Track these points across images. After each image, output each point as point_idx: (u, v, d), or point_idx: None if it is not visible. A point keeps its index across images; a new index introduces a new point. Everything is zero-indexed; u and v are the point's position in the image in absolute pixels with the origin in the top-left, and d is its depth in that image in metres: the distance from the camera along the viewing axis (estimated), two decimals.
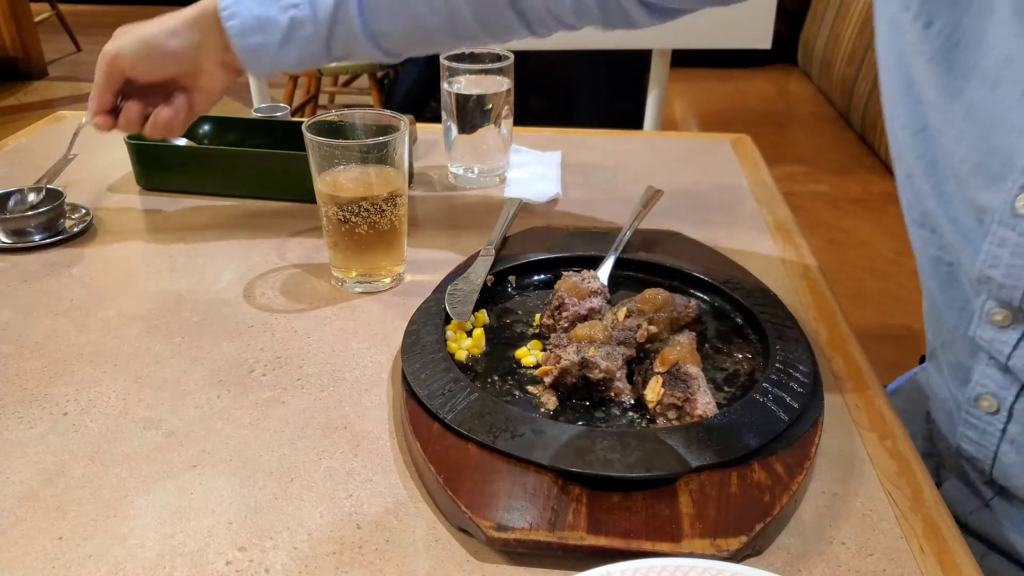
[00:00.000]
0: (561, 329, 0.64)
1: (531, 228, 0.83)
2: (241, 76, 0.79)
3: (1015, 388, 0.57)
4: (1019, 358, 0.56)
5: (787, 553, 0.48)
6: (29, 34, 4.36)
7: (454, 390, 0.56)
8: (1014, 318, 0.56)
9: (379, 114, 0.74)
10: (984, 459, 0.61)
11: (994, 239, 0.53)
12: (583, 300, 0.65)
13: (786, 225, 0.89)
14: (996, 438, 0.59)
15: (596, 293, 0.66)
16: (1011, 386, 0.58)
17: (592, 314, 0.64)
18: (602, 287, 0.67)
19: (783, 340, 0.61)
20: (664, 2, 0.75)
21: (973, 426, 0.61)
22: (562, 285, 0.66)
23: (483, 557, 0.47)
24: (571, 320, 0.64)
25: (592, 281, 0.66)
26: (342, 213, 0.71)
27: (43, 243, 0.82)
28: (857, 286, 1.44)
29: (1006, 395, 0.58)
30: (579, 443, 0.50)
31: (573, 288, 0.66)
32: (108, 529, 0.49)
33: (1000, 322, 0.57)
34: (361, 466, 0.54)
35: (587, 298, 0.65)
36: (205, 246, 0.83)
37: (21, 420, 0.58)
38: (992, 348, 0.58)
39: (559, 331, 0.63)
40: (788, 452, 0.51)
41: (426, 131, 1.12)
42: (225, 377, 0.63)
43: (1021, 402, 0.57)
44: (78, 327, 0.69)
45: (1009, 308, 0.55)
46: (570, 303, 0.64)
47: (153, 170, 0.95)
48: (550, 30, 0.79)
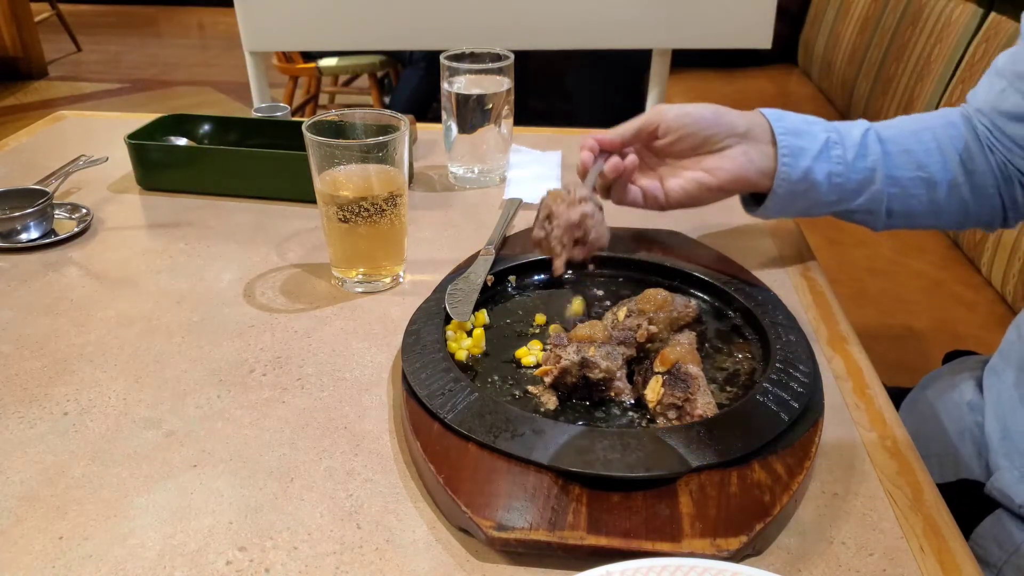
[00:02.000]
0: (555, 240, 0.65)
1: (531, 228, 0.83)
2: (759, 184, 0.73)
3: None
4: None
5: (787, 553, 0.48)
6: (29, 34, 4.36)
7: (454, 390, 0.56)
8: None
9: (379, 114, 0.74)
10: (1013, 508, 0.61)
11: None
12: (572, 208, 0.65)
13: (786, 225, 0.89)
14: None
15: (584, 200, 0.66)
16: None
17: (584, 220, 0.65)
18: (590, 195, 0.67)
19: (783, 340, 0.61)
20: None
21: None
22: (549, 196, 0.67)
23: (483, 557, 0.47)
24: (563, 228, 0.65)
25: (580, 189, 0.67)
26: (342, 213, 0.71)
27: (43, 243, 0.82)
28: (857, 286, 1.44)
29: None
30: (579, 443, 0.50)
31: (559, 197, 0.66)
32: (108, 529, 0.49)
33: None
34: (361, 466, 0.54)
35: (576, 205, 0.66)
36: (205, 246, 0.83)
37: (21, 420, 0.58)
38: None
39: (553, 242, 0.64)
40: (788, 452, 0.51)
41: (426, 131, 1.12)
42: (225, 377, 0.63)
43: None
44: (78, 327, 0.69)
45: None
46: (558, 211, 0.65)
47: (153, 170, 0.95)
48: None
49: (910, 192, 0.74)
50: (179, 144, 0.98)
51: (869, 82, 2.06)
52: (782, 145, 0.71)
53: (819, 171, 0.72)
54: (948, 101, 1.63)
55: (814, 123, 0.74)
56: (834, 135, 0.73)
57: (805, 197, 0.73)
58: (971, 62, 1.59)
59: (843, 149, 0.72)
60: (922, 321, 1.35)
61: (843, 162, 0.72)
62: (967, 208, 0.76)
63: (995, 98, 0.74)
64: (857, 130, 0.74)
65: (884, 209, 0.75)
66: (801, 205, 0.74)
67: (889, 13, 2.04)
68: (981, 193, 0.75)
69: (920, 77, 1.77)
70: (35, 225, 0.84)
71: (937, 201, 0.75)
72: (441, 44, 1.18)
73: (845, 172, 0.72)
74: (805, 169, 0.71)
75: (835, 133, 0.73)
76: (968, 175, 0.74)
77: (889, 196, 0.74)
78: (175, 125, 1.01)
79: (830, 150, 0.72)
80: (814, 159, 0.71)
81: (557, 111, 2.93)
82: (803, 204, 0.74)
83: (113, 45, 5.25)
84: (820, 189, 0.72)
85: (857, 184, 0.73)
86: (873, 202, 0.74)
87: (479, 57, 0.94)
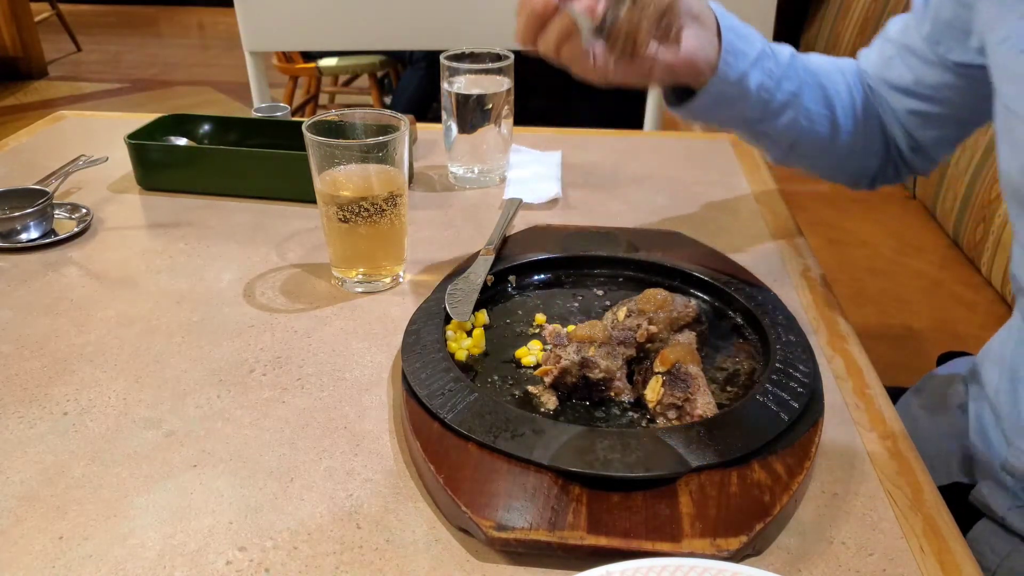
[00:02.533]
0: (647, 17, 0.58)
1: (531, 228, 0.83)
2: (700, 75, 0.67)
3: None
4: None
5: (787, 553, 0.48)
6: (29, 34, 4.36)
7: (454, 390, 0.56)
8: None
9: (379, 114, 0.74)
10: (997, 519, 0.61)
11: None
12: None
13: (786, 225, 0.89)
14: None
15: None
16: None
17: None
18: None
19: (783, 340, 0.61)
20: None
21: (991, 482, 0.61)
22: None
23: (483, 557, 0.47)
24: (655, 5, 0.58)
25: None
26: (342, 213, 0.71)
27: (43, 243, 0.82)
28: (857, 286, 1.44)
29: None
30: (579, 443, 0.50)
31: None
32: (108, 529, 0.49)
33: None
34: (361, 466, 0.54)
35: None
36: (205, 246, 0.83)
37: (21, 420, 0.58)
38: None
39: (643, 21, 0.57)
40: (788, 452, 0.51)
41: (426, 131, 1.12)
42: (225, 377, 0.63)
43: None
44: (78, 327, 0.69)
45: None
46: None
47: (153, 170, 0.95)
48: None
49: (816, 129, 0.73)
50: (179, 144, 0.98)
51: None
52: (726, 41, 0.66)
53: (753, 79, 0.68)
54: None
55: (751, 30, 0.70)
56: (768, 48, 0.70)
57: (732, 105, 0.70)
58: None
59: (775, 64, 0.69)
60: (922, 321, 1.35)
61: (773, 77, 0.69)
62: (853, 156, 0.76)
63: (883, 65, 0.74)
64: (786, 51, 0.72)
65: (792, 140, 0.73)
66: (725, 113, 0.71)
67: (889, 13, 2.04)
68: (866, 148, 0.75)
69: None
70: (35, 225, 0.84)
71: (835, 144, 0.74)
72: (441, 44, 1.18)
73: (773, 89, 0.70)
74: (741, 73, 0.68)
75: (768, 47, 0.70)
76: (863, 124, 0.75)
77: (800, 128, 0.73)
78: (175, 125, 1.01)
79: (764, 61, 0.69)
80: (751, 65, 0.68)
81: (557, 111, 2.93)
82: (727, 113, 0.71)
83: (113, 45, 5.25)
84: (749, 99, 0.69)
85: (780, 105, 0.71)
86: (788, 128, 0.72)
87: (479, 57, 0.94)
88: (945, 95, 0.71)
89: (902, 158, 0.79)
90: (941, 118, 0.73)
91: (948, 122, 0.74)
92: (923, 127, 0.74)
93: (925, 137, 0.75)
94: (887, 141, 0.77)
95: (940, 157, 0.80)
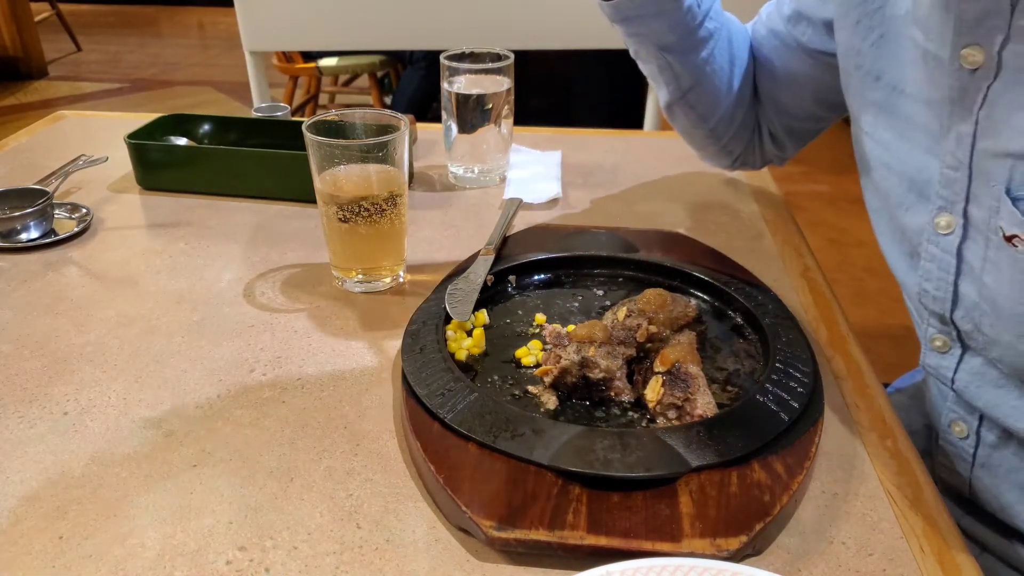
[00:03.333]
0: None
1: (531, 228, 0.83)
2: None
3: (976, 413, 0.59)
4: (961, 381, 0.59)
5: (787, 553, 0.48)
6: (29, 34, 4.36)
7: (454, 390, 0.56)
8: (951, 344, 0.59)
9: (379, 114, 0.74)
10: (961, 486, 0.62)
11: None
12: None
13: (786, 225, 0.89)
14: (968, 464, 0.61)
15: None
16: (972, 412, 0.59)
17: None
18: None
19: (783, 340, 0.61)
20: None
21: (947, 454, 0.62)
22: None
23: (483, 557, 0.47)
24: None
25: None
26: (342, 213, 0.71)
27: (43, 243, 0.82)
28: (857, 286, 1.44)
29: (972, 420, 0.60)
30: (579, 443, 0.50)
31: None
32: (108, 529, 0.49)
33: (940, 348, 0.60)
34: (361, 466, 0.54)
35: None
36: (205, 246, 0.83)
37: (21, 420, 0.58)
38: (938, 374, 0.61)
39: None
40: (788, 452, 0.51)
41: (426, 131, 1.12)
42: (225, 377, 0.63)
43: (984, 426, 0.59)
44: (78, 327, 0.69)
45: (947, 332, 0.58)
46: None
47: (153, 170, 0.95)
48: None
49: (715, 79, 0.74)
50: (179, 144, 0.98)
51: None
52: None
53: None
54: None
55: None
56: None
57: (657, 17, 0.69)
58: None
59: None
60: None
61: (702, 8, 0.70)
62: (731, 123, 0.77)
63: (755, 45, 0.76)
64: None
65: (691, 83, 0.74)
66: (648, 24, 0.71)
67: None
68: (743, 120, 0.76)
69: None
70: (35, 225, 0.84)
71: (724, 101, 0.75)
72: (441, 44, 1.18)
73: (698, 17, 0.70)
74: None
75: None
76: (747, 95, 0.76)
77: (703, 73, 0.73)
78: (175, 125, 1.01)
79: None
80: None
81: (557, 111, 2.93)
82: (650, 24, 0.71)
83: (113, 45, 5.26)
84: (675, 17, 0.69)
85: (697, 40, 0.71)
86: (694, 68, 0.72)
87: (479, 57, 0.94)
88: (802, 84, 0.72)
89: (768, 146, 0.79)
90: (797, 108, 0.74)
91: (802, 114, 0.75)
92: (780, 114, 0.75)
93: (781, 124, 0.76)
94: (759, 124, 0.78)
95: (793, 151, 0.81)
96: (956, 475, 0.63)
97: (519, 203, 0.89)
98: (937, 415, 0.64)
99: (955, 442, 0.62)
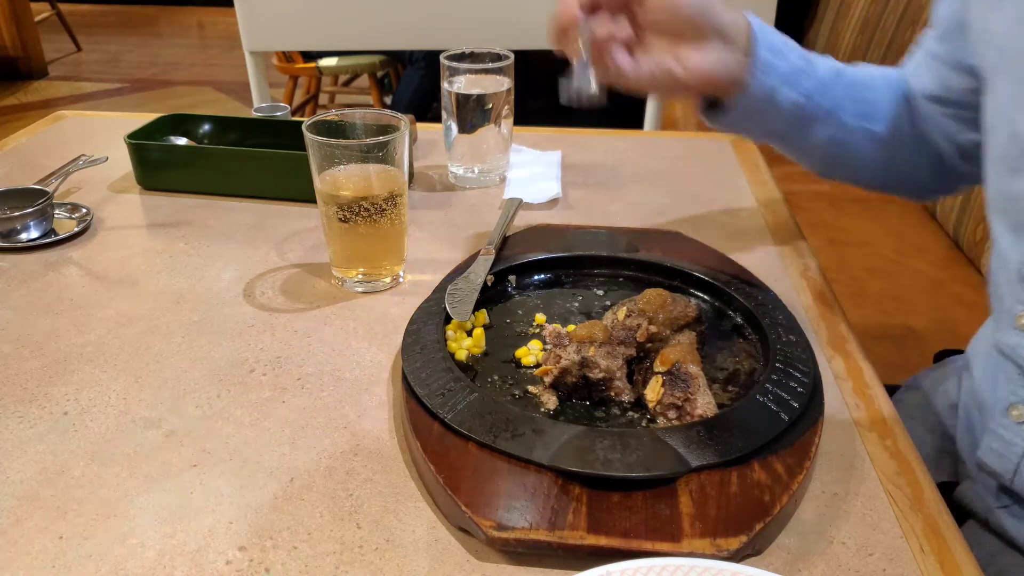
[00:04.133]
0: None
1: (531, 228, 0.83)
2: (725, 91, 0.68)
3: None
4: None
5: (787, 553, 0.48)
6: (29, 33, 4.36)
7: (454, 390, 0.56)
8: None
9: (379, 114, 0.74)
10: (1005, 472, 0.61)
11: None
12: None
13: (786, 225, 0.89)
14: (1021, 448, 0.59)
15: None
16: None
17: None
18: None
19: (783, 340, 0.61)
20: None
21: (999, 436, 0.61)
22: None
23: (483, 557, 0.47)
24: None
25: None
26: (342, 213, 0.71)
27: (43, 243, 0.82)
28: (857, 286, 1.43)
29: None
30: (579, 443, 0.50)
31: None
32: (108, 528, 0.49)
33: None
34: (361, 466, 0.54)
35: None
36: (205, 246, 0.83)
37: (21, 419, 0.58)
38: (1016, 354, 0.58)
39: None
40: (788, 452, 0.51)
41: (426, 131, 1.12)
42: (225, 376, 0.63)
43: None
44: (78, 327, 0.69)
45: None
46: None
47: (153, 170, 0.95)
48: None
49: (854, 142, 0.73)
50: (179, 144, 0.98)
51: None
52: (759, 59, 0.66)
53: (783, 95, 0.68)
54: None
55: (791, 45, 0.70)
56: (804, 63, 0.70)
57: (762, 119, 0.70)
58: None
59: (810, 80, 0.69)
60: (922, 321, 1.35)
61: (806, 93, 0.69)
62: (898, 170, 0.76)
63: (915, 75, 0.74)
64: (825, 65, 0.72)
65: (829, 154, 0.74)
66: (755, 127, 0.72)
67: (889, 13, 2.04)
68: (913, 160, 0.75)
69: None
70: (35, 225, 0.84)
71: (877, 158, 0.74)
72: (441, 44, 1.18)
73: (805, 105, 0.70)
74: (770, 88, 0.67)
75: (806, 62, 0.70)
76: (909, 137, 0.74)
77: (837, 142, 0.73)
78: (175, 125, 1.01)
79: (798, 77, 0.69)
80: (781, 81, 0.68)
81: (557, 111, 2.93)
82: (758, 126, 0.72)
83: (113, 45, 5.25)
84: (779, 114, 0.70)
85: (813, 120, 0.71)
86: (826, 143, 0.73)
87: (479, 57, 0.94)
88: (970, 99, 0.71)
89: (954, 168, 0.77)
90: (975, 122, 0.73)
91: None
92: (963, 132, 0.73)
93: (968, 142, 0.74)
94: (936, 152, 0.76)
95: None
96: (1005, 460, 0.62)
97: (519, 203, 0.89)
98: (993, 399, 0.62)
99: (1010, 426, 0.61)
